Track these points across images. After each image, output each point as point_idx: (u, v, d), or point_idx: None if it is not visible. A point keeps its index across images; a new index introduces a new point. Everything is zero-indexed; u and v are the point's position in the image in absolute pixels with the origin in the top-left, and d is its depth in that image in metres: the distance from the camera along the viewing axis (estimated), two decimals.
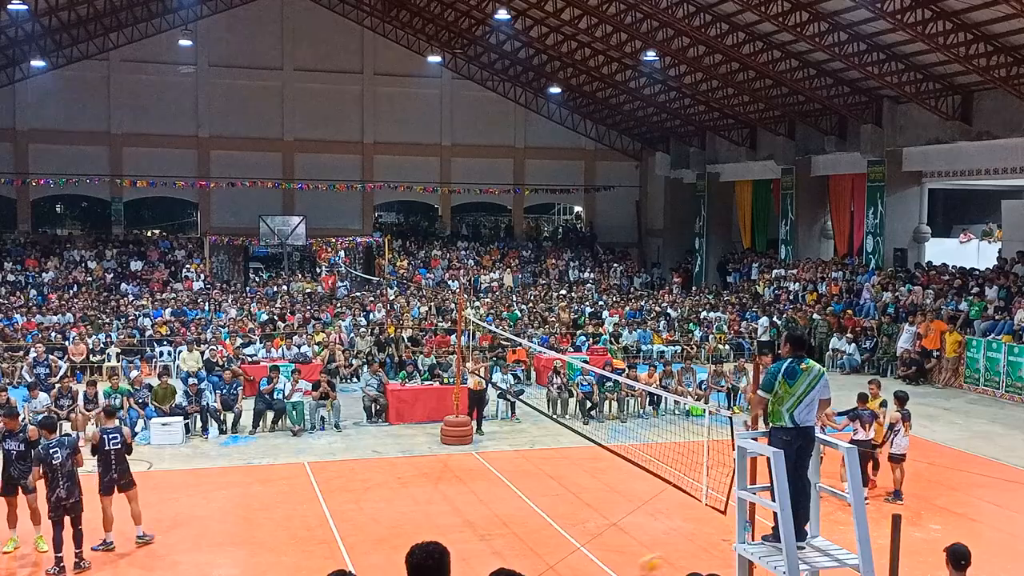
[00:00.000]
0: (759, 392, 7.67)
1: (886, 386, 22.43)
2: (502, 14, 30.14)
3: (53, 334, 24.79)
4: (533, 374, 23.48)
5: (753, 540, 7.72)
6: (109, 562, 11.31)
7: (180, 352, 22.33)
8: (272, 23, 39.36)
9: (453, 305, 26.87)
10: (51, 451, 10.81)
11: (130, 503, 11.69)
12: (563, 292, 35.02)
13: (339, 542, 11.95)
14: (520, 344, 23.36)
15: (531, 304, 31.33)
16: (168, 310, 28.79)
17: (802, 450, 7.46)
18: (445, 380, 19.59)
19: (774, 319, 27.34)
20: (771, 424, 7.54)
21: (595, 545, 11.71)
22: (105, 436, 11.58)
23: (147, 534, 11.82)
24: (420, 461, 16.01)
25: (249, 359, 22.20)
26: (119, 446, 11.58)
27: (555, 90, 38.56)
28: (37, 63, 35.25)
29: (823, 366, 23.02)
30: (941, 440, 17.45)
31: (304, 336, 25.02)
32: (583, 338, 25.88)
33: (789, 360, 7.56)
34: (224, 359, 21.36)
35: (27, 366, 21.21)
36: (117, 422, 12.44)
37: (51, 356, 21.66)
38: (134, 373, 20.30)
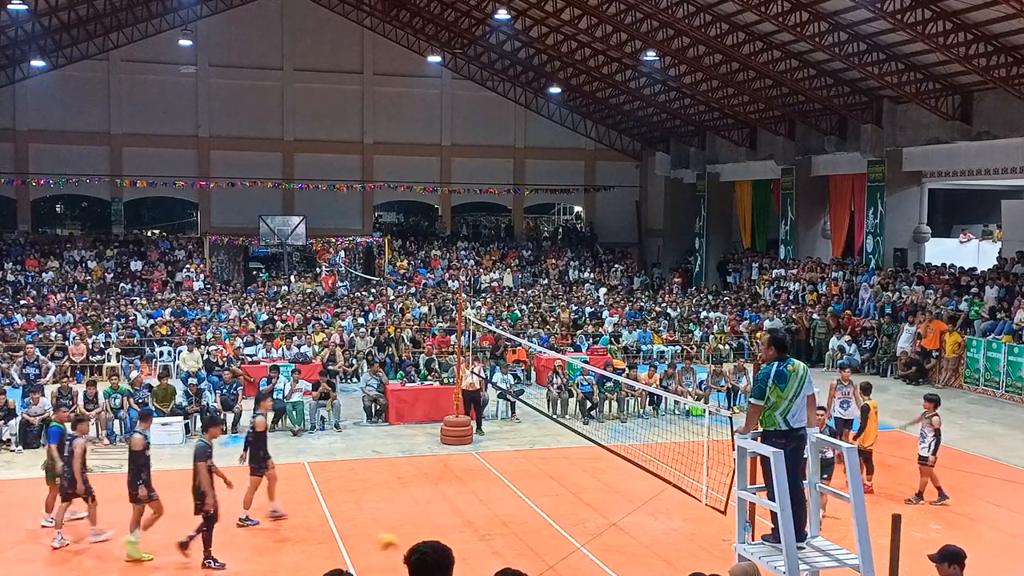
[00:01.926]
0: (752, 400, 7.63)
1: (886, 386, 22.54)
2: (502, 14, 30.14)
3: (53, 334, 24.79)
4: (533, 374, 23.48)
5: (753, 540, 7.73)
6: (109, 560, 11.32)
7: (180, 352, 22.33)
8: (272, 23, 39.36)
9: (453, 305, 26.86)
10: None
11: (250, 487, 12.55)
12: (567, 292, 35.06)
13: (339, 542, 11.95)
14: (520, 344, 23.36)
15: (532, 304, 31.32)
16: (168, 310, 28.79)
17: (794, 452, 7.44)
18: (444, 380, 19.59)
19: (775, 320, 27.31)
20: (763, 428, 7.52)
21: (595, 545, 11.71)
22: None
23: (251, 519, 12.57)
24: (420, 461, 16.01)
25: (249, 359, 22.20)
26: (249, 430, 12.81)
27: (555, 90, 38.56)
28: (37, 63, 35.25)
29: (823, 366, 22.92)
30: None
31: (304, 336, 25.02)
32: (583, 338, 25.87)
33: (776, 364, 7.52)
34: (224, 359, 21.37)
35: (17, 367, 21.13)
36: (262, 407, 13.69)
37: (41, 357, 21.61)
38: (134, 373, 20.30)
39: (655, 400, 19.66)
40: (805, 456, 7.80)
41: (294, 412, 18.04)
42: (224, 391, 18.39)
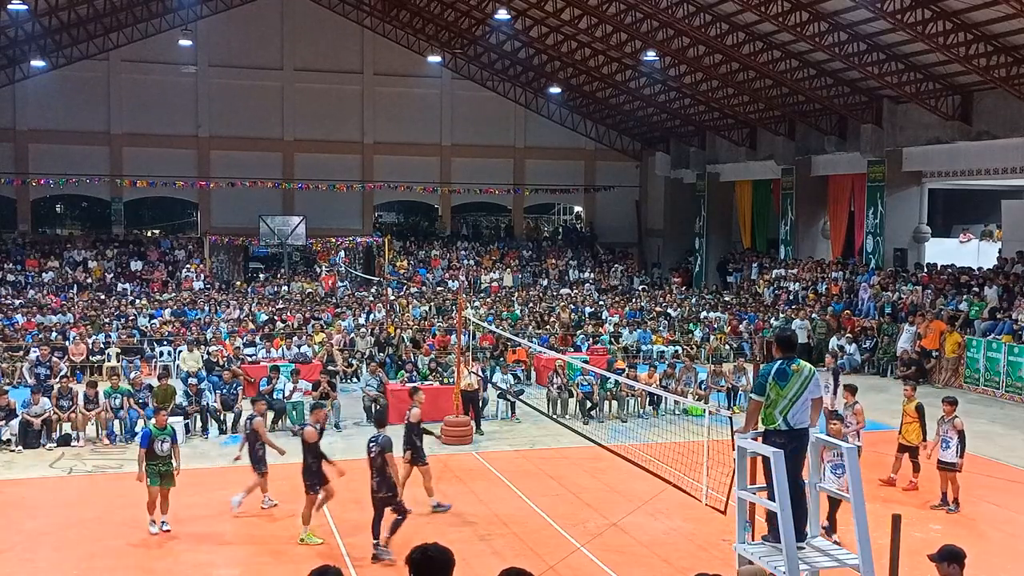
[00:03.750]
0: (752, 396, 7.61)
1: (886, 386, 22.53)
2: (502, 14, 30.16)
3: (53, 334, 24.79)
4: (533, 374, 23.47)
5: (753, 540, 7.72)
6: (112, 563, 11.33)
7: (180, 352, 22.33)
8: (272, 23, 39.37)
9: (453, 305, 26.85)
10: (370, 445, 11.66)
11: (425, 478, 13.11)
12: (564, 291, 34.99)
13: (339, 542, 11.95)
14: (520, 344, 23.35)
15: (532, 304, 31.32)
16: (168, 310, 28.79)
17: (796, 452, 7.41)
18: (444, 380, 19.58)
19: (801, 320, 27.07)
20: (764, 427, 7.51)
21: (595, 545, 11.71)
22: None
23: (442, 504, 13.15)
24: None
25: (249, 359, 22.19)
26: (407, 422, 13.34)
27: (555, 90, 38.58)
28: (37, 63, 35.27)
29: (824, 367, 23.00)
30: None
31: (304, 336, 25.01)
32: (583, 338, 25.86)
33: (779, 362, 7.48)
34: (224, 359, 21.36)
35: (28, 366, 21.22)
36: (416, 400, 13.94)
37: (54, 359, 21.64)
38: (134, 374, 20.29)
39: (655, 400, 19.65)
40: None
41: (294, 412, 18.03)
42: (224, 391, 18.37)
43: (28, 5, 27.75)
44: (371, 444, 11.65)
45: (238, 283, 36.49)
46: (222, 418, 17.89)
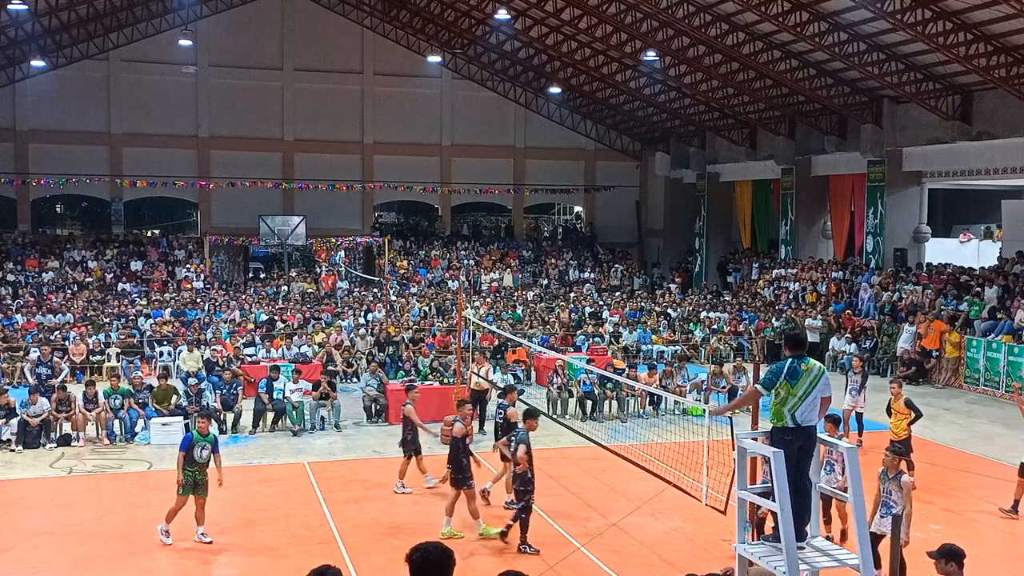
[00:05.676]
0: (757, 386, 7.64)
1: (886, 386, 22.46)
2: (502, 14, 30.15)
3: (53, 334, 24.77)
4: (533, 374, 23.47)
5: (753, 540, 7.73)
6: (112, 563, 11.33)
7: (180, 352, 22.33)
8: (272, 23, 39.35)
9: (453, 305, 26.85)
10: (509, 438, 12.25)
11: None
12: (567, 293, 35.03)
13: (339, 542, 11.96)
14: (520, 344, 23.36)
15: (531, 304, 31.29)
16: (168, 310, 28.78)
17: (803, 450, 7.43)
18: (445, 380, 19.59)
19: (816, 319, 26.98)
20: (772, 424, 7.54)
21: (595, 545, 11.71)
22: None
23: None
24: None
25: (249, 359, 22.20)
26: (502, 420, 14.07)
27: (555, 90, 38.56)
28: (37, 63, 35.24)
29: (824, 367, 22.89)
30: (941, 440, 17.44)
31: (304, 336, 25.01)
32: (583, 338, 25.86)
33: (790, 360, 7.53)
34: (224, 359, 21.36)
35: (29, 366, 21.19)
36: (509, 398, 14.35)
37: (55, 359, 21.62)
38: (134, 374, 20.29)
39: (655, 400, 19.66)
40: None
41: (294, 412, 18.04)
42: (224, 391, 18.38)
43: (28, 5, 27.71)
44: (510, 438, 12.15)
45: (216, 285, 36.00)
46: (222, 418, 17.88)
